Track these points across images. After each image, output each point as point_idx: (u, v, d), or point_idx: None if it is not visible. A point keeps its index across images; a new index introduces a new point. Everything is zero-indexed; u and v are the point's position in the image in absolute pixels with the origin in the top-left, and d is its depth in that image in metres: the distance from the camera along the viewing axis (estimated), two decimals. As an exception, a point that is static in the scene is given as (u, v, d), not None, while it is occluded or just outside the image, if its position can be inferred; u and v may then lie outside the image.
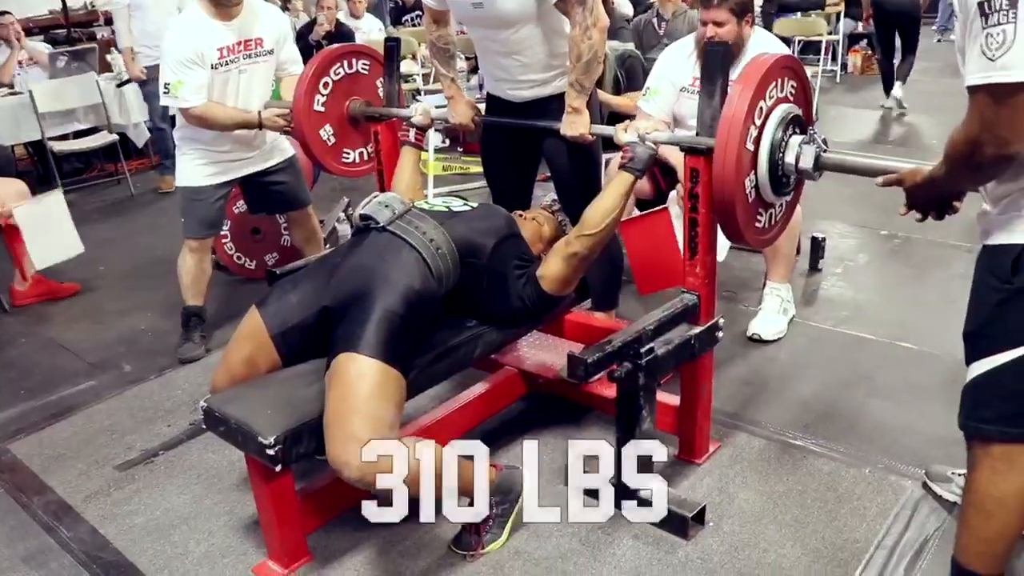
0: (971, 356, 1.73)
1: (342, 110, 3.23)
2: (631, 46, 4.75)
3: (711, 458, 2.59)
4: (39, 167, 6.37)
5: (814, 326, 3.47)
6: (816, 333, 3.41)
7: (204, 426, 2.19)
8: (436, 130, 6.15)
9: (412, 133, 2.85)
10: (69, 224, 4.08)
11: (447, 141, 6.76)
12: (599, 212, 2.33)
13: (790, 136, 2.14)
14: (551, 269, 2.36)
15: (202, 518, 2.49)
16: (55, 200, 4.10)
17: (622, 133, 2.39)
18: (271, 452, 1.98)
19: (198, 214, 3.47)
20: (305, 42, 6.77)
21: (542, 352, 2.82)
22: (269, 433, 1.98)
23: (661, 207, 3.13)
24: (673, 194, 3.31)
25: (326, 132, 3.21)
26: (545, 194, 2.96)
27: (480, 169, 3.18)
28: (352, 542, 2.33)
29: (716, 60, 2.20)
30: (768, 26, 7.33)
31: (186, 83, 3.19)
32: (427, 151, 5.61)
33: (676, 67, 3.43)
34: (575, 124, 2.59)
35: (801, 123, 2.18)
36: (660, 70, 3.50)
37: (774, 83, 2.12)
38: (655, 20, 5.19)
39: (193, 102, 3.22)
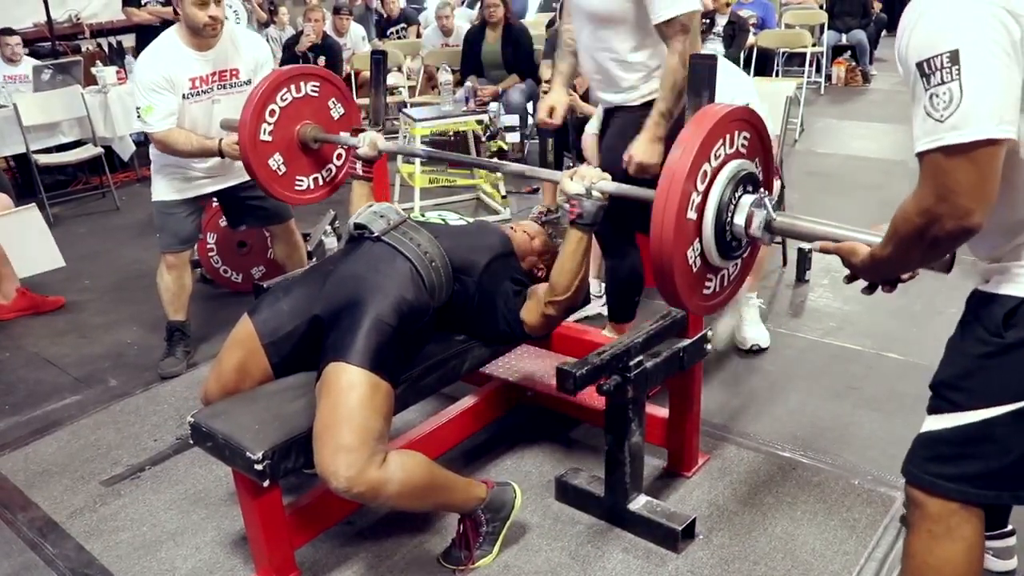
0: (937, 407, 1.58)
1: (292, 136, 3.03)
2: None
3: (700, 471, 2.60)
4: (20, 179, 6.33)
5: (801, 337, 3.48)
6: (803, 344, 3.42)
7: (191, 441, 2.18)
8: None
9: (359, 166, 2.77)
10: (49, 239, 4.05)
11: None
12: (565, 277, 2.24)
13: (741, 196, 1.86)
14: (531, 319, 2.32)
15: (189, 533, 2.47)
16: (30, 213, 4.06)
17: (567, 182, 2.19)
18: (259, 467, 1.97)
19: (171, 229, 3.48)
20: (291, 53, 6.81)
21: (531, 365, 2.82)
22: (257, 448, 1.97)
23: None
24: None
25: (275, 161, 3.01)
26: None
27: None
28: (341, 557, 2.32)
29: (703, 73, 2.12)
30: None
31: (155, 108, 3.19)
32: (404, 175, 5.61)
33: None
34: (649, 152, 2.46)
35: (754, 180, 1.91)
36: None
37: (720, 141, 1.83)
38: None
39: (158, 128, 3.21)
